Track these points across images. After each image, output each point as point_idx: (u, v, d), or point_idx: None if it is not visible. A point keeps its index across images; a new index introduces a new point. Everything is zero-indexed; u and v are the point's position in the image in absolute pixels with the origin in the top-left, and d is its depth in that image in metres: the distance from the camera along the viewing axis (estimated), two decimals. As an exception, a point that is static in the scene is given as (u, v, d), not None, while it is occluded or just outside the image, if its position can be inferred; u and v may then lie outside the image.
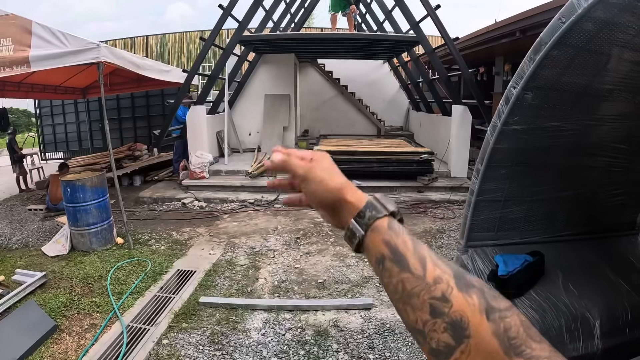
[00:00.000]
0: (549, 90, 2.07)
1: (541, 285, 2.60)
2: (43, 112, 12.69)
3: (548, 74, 1.93)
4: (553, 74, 1.95)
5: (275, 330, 3.40)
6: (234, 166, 8.69)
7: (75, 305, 3.80)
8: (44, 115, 12.73)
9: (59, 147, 12.88)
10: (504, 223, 2.77)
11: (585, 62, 1.97)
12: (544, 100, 2.12)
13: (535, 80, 1.94)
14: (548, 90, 2.07)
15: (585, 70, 2.02)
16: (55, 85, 9.20)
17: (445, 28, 7.86)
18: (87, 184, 5.05)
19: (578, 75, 2.04)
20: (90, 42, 5.16)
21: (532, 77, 1.90)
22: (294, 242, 5.38)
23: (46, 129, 12.83)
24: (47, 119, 12.75)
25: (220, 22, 8.10)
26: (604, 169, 2.77)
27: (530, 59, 1.84)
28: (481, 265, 2.67)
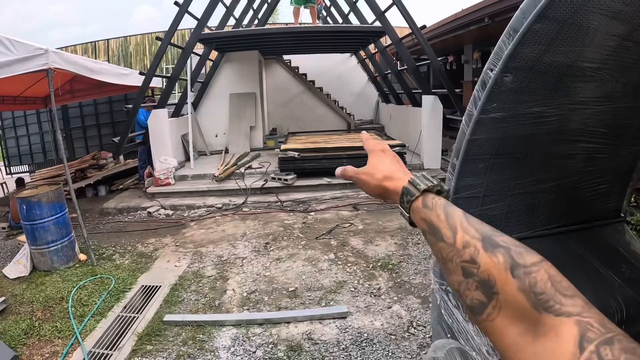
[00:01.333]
0: (530, 71, 1.84)
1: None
2: (5, 124, 11.98)
3: (529, 52, 1.69)
4: (535, 52, 1.72)
5: (245, 348, 3.12)
6: (201, 170, 8.34)
7: (36, 332, 3.50)
8: (7, 128, 12.02)
9: (24, 160, 12.21)
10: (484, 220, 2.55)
11: (569, 38, 1.74)
12: (524, 84, 1.89)
13: (515, 60, 1.70)
14: (529, 71, 1.84)
15: (569, 47, 1.79)
16: (14, 95, 8.64)
17: (412, 17, 7.65)
18: (42, 200, 4.68)
19: (561, 53, 1.81)
20: (38, 48, 4.82)
21: (512, 57, 1.66)
22: (263, 248, 5.09)
23: (9, 141, 12.11)
24: (9, 131, 12.03)
25: (177, 20, 7.74)
26: (588, 156, 2.59)
27: (509, 35, 1.60)
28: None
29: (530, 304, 0.46)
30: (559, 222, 2.84)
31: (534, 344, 0.44)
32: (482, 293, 0.51)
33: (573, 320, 0.43)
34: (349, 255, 4.72)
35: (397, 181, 0.71)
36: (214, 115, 10.45)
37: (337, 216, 6.24)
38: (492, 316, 0.49)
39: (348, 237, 5.33)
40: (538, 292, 0.46)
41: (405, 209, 0.68)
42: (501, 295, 0.49)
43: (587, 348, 0.39)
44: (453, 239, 0.57)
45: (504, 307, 0.48)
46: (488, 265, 0.51)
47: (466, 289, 0.53)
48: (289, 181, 7.44)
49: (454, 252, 0.56)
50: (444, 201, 0.64)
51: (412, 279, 4.10)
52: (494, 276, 0.50)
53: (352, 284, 4.04)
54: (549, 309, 0.45)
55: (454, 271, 0.55)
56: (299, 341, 3.17)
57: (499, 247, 0.52)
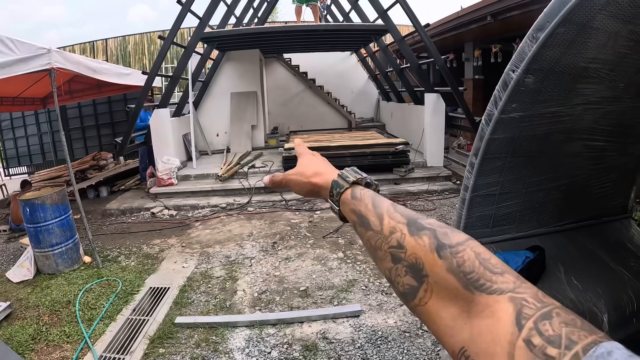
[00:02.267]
0: (549, 73, 1.87)
1: (544, 281, 2.44)
2: (3, 126, 11.91)
3: (550, 54, 1.73)
4: (555, 54, 1.75)
5: (260, 349, 3.14)
6: (203, 170, 8.34)
7: (44, 337, 3.46)
8: (5, 129, 11.96)
9: (23, 161, 12.17)
10: (498, 218, 2.59)
11: (587, 41, 1.77)
12: (542, 84, 1.92)
13: (537, 62, 1.73)
14: (547, 73, 1.87)
15: (586, 49, 1.82)
16: (12, 96, 8.61)
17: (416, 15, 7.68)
18: (46, 202, 4.64)
19: (578, 56, 1.85)
20: (41, 48, 4.78)
21: (534, 59, 1.69)
22: (271, 248, 5.11)
23: (7, 143, 12.07)
24: (7, 133, 11.98)
25: (180, 19, 7.72)
26: (598, 154, 2.63)
27: (532, 37, 1.63)
28: (480, 267, 2.48)
29: (461, 284, 0.45)
30: (569, 219, 2.89)
31: (470, 324, 0.43)
32: (412, 277, 0.50)
33: (507, 297, 0.42)
34: (357, 254, 4.76)
35: (327, 176, 0.72)
36: (215, 114, 10.44)
37: (342, 215, 6.25)
38: (424, 300, 0.49)
39: (355, 235, 5.35)
40: (467, 271, 0.46)
41: (335, 202, 0.68)
42: (431, 277, 0.48)
43: (526, 325, 0.38)
44: (380, 226, 0.57)
45: (435, 289, 0.48)
46: (414, 248, 0.51)
47: (396, 275, 0.53)
48: (292, 180, 7.44)
49: (382, 239, 0.56)
50: (372, 192, 0.64)
51: (421, 276, 4.13)
52: (421, 259, 0.50)
53: (362, 282, 4.07)
54: (480, 288, 0.44)
55: (384, 258, 0.55)
56: (314, 340, 3.19)
57: (424, 229, 0.52)
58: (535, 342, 0.36)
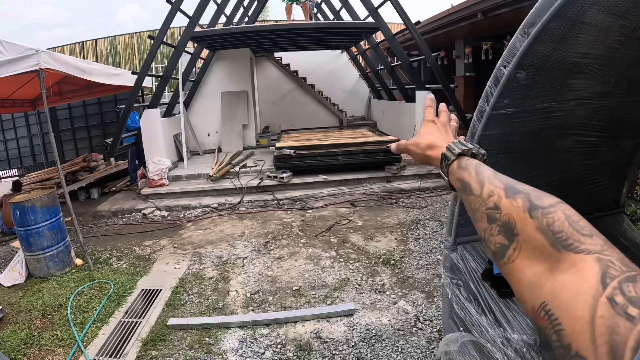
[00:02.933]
0: (540, 68, 1.86)
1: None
2: (-7, 128, 11.81)
3: (542, 50, 1.71)
4: (546, 50, 1.74)
5: (254, 350, 3.11)
6: (195, 170, 8.29)
7: (36, 341, 3.42)
8: (-6, 132, 11.86)
9: (13, 164, 12.03)
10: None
11: (578, 36, 1.76)
12: (534, 80, 1.91)
13: (529, 58, 1.72)
14: (539, 68, 1.86)
15: (577, 44, 1.81)
16: (2, 98, 8.48)
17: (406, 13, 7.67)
18: (37, 205, 4.57)
19: (570, 51, 1.84)
20: (29, 49, 4.72)
21: (526, 54, 1.68)
22: (263, 247, 5.08)
23: (-3, 145, 11.97)
24: (-3, 135, 11.89)
25: (169, 18, 7.67)
26: (590, 150, 2.63)
27: (524, 33, 1.62)
28: (473, 264, 2.46)
29: (549, 243, 0.47)
30: (562, 215, 2.88)
31: (552, 280, 0.45)
32: (504, 236, 0.54)
33: (594, 258, 0.43)
34: (350, 252, 4.74)
35: (438, 149, 0.78)
36: (206, 114, 10.39)
37: (335, 213, 6.25)
38: (512, 258, 0.51)
39: (348, 234, 5.34)
40: (556, 230, 0.48)
41: (445, 173, 0.75)
42: (521, 235, 0.51)
43: (610, 284, 0.39)
44: (480, 191, 0.62)
45: (523, 247, 0.50)
46: (509, 209, 0.54)
47: (490, 234, 0.56)
48: (284, 179, 7.43)
49: (481, 202, 0.60)
50: (476, 162, 0.69)
51: (415, 274, 4.13)
52: (514, 218, 0.53)
53: (355, 281, 4.05)
54: (568, 247, 0.46)
55: (480, 219, 0.59)
56: (308, 340, 3.17)
57: (519, 193, 0.55)
58: (617, 300, 0.37)
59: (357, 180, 7.49)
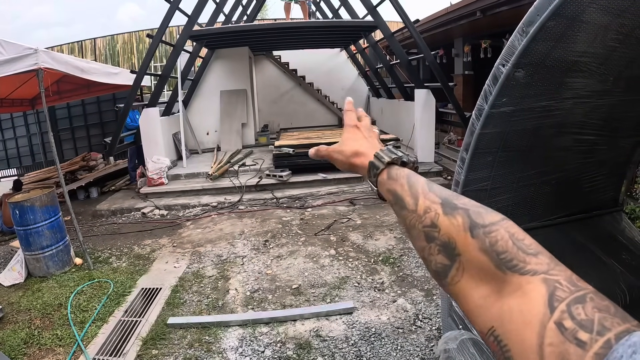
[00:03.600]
0: (539, 67, 1.87)
1: (536, 277, 2.44)
2: (-8, 128, 11.78)
3: (540, 48, 1.72)
4: (545, 48, 1.75)
5: (254, 348, 3.12)
6: (194, 169, 8.29)
7: (36, 341, 3.42)
8: (-7, 131, 11.83)
9: (12, 163, 12.01)
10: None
11: (577, 34, 1.77)
12: (533, 78, 1.92)
13: (527, 56, 1.73)
14: (537, 67, 1.86)
15: (576, 43, 1.82)
16: (0, 98, 8.49)
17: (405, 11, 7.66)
18: (36, 204, 4.57)
19: (568, 49, 1.85)
20: (28, 48, 4.71)
21: (525, 53, 1.68)
22: (262, 246, 5.09)
23: (-4, 145, 11.95)
24: (-4, 135, 11.86)
25: (168, 17, 7.64)
26: (589, 148, 2.64)
27: (522, 31, 1.62)
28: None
29: (494, 264, 0.45)
30: (560, 213, 2.90)
31: (500, 304, 0.43)
32: (445, 256, 0.51)
33: (540, 279, 0.41)
34: (349, 251, 4.75)
35: (364, 157, 0.72)
36: (205, 113, 10.38)
37: (334, 212, 6.26)
38: (456, 279, 0.49)
39: (347, 232, 5.35)
40: (500, 251, 0.45)
41: (373, 183, 0.69)
42: (463, 256, 0.49)
43: (558, 307, 0.37)
44: (415, 206, 0.58)
45: (467, 268, 0.48)
46: (448, 227, 0.51)
47: (430, 253, 0.53)
48: (284, 178, 7.43)
49: (417, 218, 0.56)
50: (408, 171, 0.65)
51: (414, 272, 4.14)
52: (454, 238, 0.50)
53: (355, 279, 4.06)
54: (513, 268, 0.43)
55: (418, 237, 0.56)
56: (307, 338, 3.18)
57: (458, 209, 0.52)
58: (566, 325, 0.36)
59: (357, 179, 7.48)
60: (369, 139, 0.76)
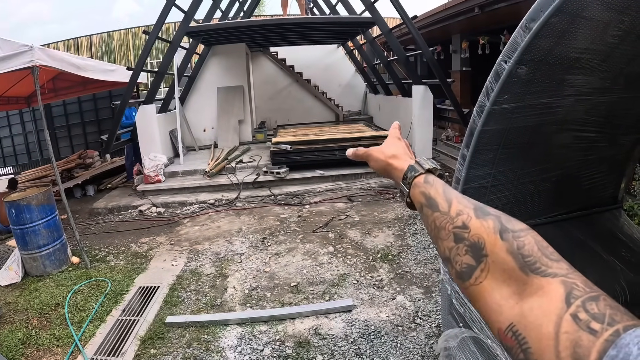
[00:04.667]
0: (541, 63, 1.85)
1: (536, 274, 2.43)
2: (-13, 126, 11.68)
3: (543, 45, 1.70)
4: (547, 45, 1.73)
5: (253, 347, 3.11)
6: (191, 166, 8.25)
7: (34, 341, 3.39)
8: (-11, 129, 11.74)
9: (8, 162, 11.92)
10: (491, 210, 2.58)
11: (579, 31, 1.75)
12: (534, 75, 1.90)
13: (530, 53, 1.71)
14: (539, 63, 1.85)
15: (578, 39, 1.80)
16: (-4, 96, 8.42)
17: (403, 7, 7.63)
18: (32, 203, 4.52)
19: (570, 46, 1.83)
20: (23, 45, 4.66)
21: (527, 49, 1.66)
22: (260, 243, 5.07)
23: (-7, 143, 11.85)
24: (-8, 133, 11.77)
25: (164, 13, 7.58)
26: (589, 145, 2.63)
27: (525, 28, 1.60)
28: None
29: (518, 266, 0.49)
30: (560, 210, 2.89)
31: (522, 303, 0.46)
32: (471, 256, 0.54)
33: (559, 280, 0.45)
34: (348, 248, 4.73)
35: (403, 161, 0.77)
36: (202, 109, 10.33)
37: (332, 208, 6.24)
38: (479, 279, 0.52)
39: (345, 229, 5.33)
40: (525, 254, 0.49)
41: (406, 185, 0.72)
42: (490, 257, 0.52)
43: (574, 303, 0.42)
44: (448, 208, 0.61)
45: (492, 269, 0.51)
46: (479, 229, 0.55)
47: (456, 254, 0.56)
48: (281, 174, 7.41)
49: (447, 220, 0.60)
50: (443, 182, 0.69)
51: (412, 269, 4.13)
52: (484, 239, 0.53)
53: (354, 277, 4.05)
54: (536, 271, 0.47)
55: (446, 237, 0.59)
56: (307, 337, 3.17)
57: (490, 215, 0.56)
58: (581, 317, 0.40)
59: (354, 175, 7.47)
60: (409, 151, 0.82)
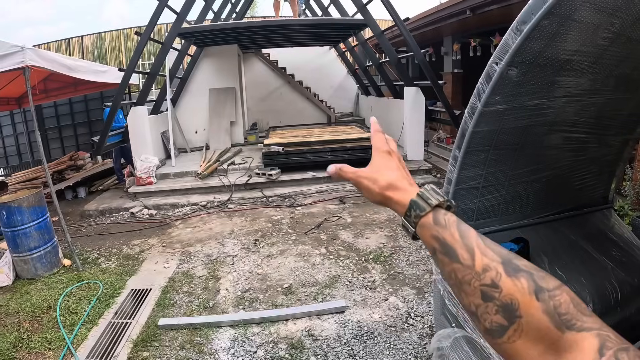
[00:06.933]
0: (531, 65, 1.87)
1: (528, 274, 2.44)
2: (-22, 128, 11.53)
3: (533, 47, 1.72)
4: (538, 47, 1.75)
5: (246, 349, 3.10)
6: (183, 167, 8.22)
7: (25, 344, 3.35)
8: (-21, 131, 11.58)
9: (-1, 164, 11.82)
10: (482, 211, 2.60)
11: (569, 33, 1.77)
12: (525, 77, 1.92)
13: (521, 55, 1.72)
14: (530, 65, 1.87)
15: (569, 42, 1.82)
16: (-14, 97, 8.33)
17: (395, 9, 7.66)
18: (23, 205, 4.47)
19: (561, 48, 1.85)
20: (14, 45, 4.63)
21: (518, 51, 1.68)
22: (252, 245, 5.06)
23: (-18, 145, 11.69)
24: (-18, 134, 11.61)
25: (157, 14, 7.54)
26: (579, 146, 2.66)
27: (516, 30, 1.62)
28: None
29: (554, 325, 0.48)
30: (551, 210, 2.92)
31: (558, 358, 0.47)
32: (503, 317, 0.51)
33: (594, 334, 0.47)
34: (340, 249, 4.74)
35: (403, 193, 0.66)
36: (194, 111, 10.29)
37: (324, 210, 6.24)
38: (513, 339, 0.50)
39: (337, 230, 5.34)
40: (562, 312, 0.49)
41: (412, 224, 0.64)
42: (524, 318, 0.50)
43: (607, 353, 0.44)
44: (471, 261, 0.56)
45: (526, 329, 0.50)
46: (511, 289, 0.52)
47: (485, 312, 0.53)
48: (273, 176, 7.40)
49: (472, 275, 0.55)
50: (456, 218, 0.62)
51: (405, 270, 4.14)
52: (517, 300, 0.51)
53: (346, 278, 4.05)
54: (572, 327, 0.48)
55: (472, 294, 0.55)
56: (300, 338, 3.17)
57: (522, 272, 0.53)
58: None
59: (346, 177, 7.47)
60: (404, 170, 0.70)
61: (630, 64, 2.12)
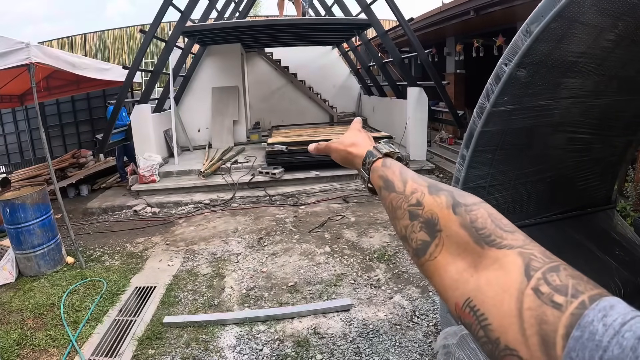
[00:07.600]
0: (539, 66, 1.89)
1: (533, 273, 2.47)
2: (-20, 125, 11.57)
3: (543, 49, 1.74)
4: (546, 49, 1.77)
5: (251, 346, 3.12)
6: (186, 166, 8.24)
7: (29, 342, 3.36)
8: (-19, 128, 11.62)
9: (0, 161, 11.83)
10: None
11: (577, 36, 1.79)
12: (533, 78, 1.94)
13: (529, 56, 1.75)
14: (538, 66, 1.89)
15: (576, 44, 1.85)
16: (-11, 94, 8.34)
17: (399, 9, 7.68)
18: (27, 202, 4.49)
19: (568, 50, 1.87)
20: (19, 42, 4.64)
21: (527, 52, 1.70)
22: (257, 243, 5.08)
23: (-15, 142, 11.73)
24: (-16, 132, 11.66)
25: (161, 12, 7.57)
26: (584, 147, 2.68)
27: (526, 32, 1.64)
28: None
29: (473, 239, 0.48)
30: (556, 210, 2.94)
31: (477, 277, 0.45)
32: (426, 233, 0.53)
33: (516, 252, 0.43)
34: (344, 248, 4.76)
35: (362, 147, 0.77)
36: (197, 109, 10.32)
37: (327, 209, 6.27)
38: (434, 254, 0.51)
39: (341, 229, 5.36)
40: (479, 227, 0.48)
41: (366, 170, 0.73)
42: (444, 232, 0.51)
43: (534, 275, 0.39)
44: (403, 188, 0.61)
45: (446, 243, 0.50)
46: (431, 205, 0.54)
47: (412, 231, 0.56)
48: (277, 175, 7.42)
49: (403, 199, 0.60)
50: (401, 164, 0.69)
51: (409, 269, 4.16)
52: (437, 214, 0.53)
53: (351, 276, 4.08)
54: (491, 243, 0.46)
55: (402, 217, 0.58)
56: (305, 336, 3.19)
57: (442, 190, 0.56)
58: (543, 290, 0.38)
59: (349, 176, 7.50)
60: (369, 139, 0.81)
61: (634, 67, 2.14)
